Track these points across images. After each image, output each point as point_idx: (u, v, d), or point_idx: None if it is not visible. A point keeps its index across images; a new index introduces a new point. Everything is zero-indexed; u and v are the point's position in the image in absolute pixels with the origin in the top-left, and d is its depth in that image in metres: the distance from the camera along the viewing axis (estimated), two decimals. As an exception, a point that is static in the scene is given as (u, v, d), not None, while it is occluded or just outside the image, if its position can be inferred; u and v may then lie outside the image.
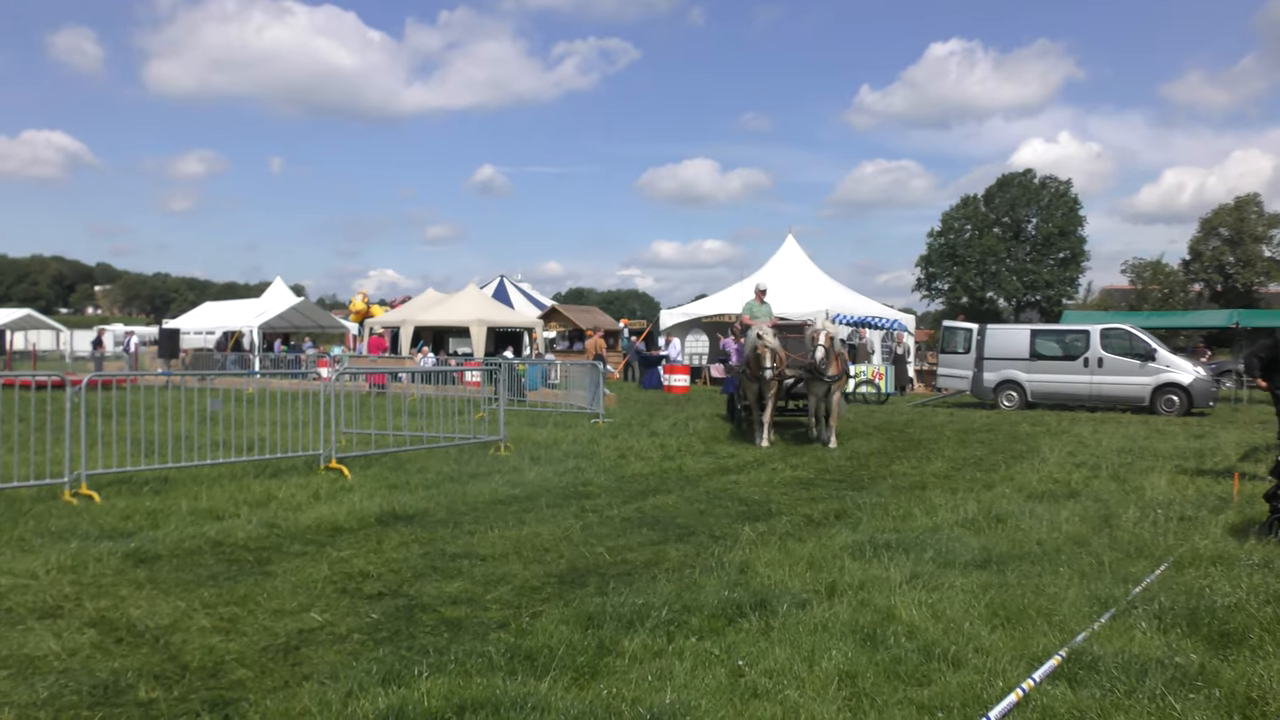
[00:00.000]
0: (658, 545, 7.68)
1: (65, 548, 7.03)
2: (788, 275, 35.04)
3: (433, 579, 6.51)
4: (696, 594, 5.98)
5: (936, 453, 13.95)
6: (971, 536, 7.81)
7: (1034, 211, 69.66)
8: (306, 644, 5.12)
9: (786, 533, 8.08)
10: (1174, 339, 42.25)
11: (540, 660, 4.80)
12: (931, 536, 7.69)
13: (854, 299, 35.13)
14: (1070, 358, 22.77)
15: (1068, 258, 68.79)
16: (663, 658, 4.91)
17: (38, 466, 9.73)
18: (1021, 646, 5.06)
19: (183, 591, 6.05)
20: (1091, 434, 16.50)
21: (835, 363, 14.66)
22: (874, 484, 11.02)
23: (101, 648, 4.98)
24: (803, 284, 34.22)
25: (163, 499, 9.23)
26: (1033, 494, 9.98)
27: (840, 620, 5.46)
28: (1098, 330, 22.64)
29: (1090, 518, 8.61)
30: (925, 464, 12.70)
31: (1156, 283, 60.75)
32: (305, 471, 11.04)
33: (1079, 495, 9.90)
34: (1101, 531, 8.06)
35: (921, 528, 8.15)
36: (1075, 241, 68.44)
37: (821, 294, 33.52)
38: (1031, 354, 23.27)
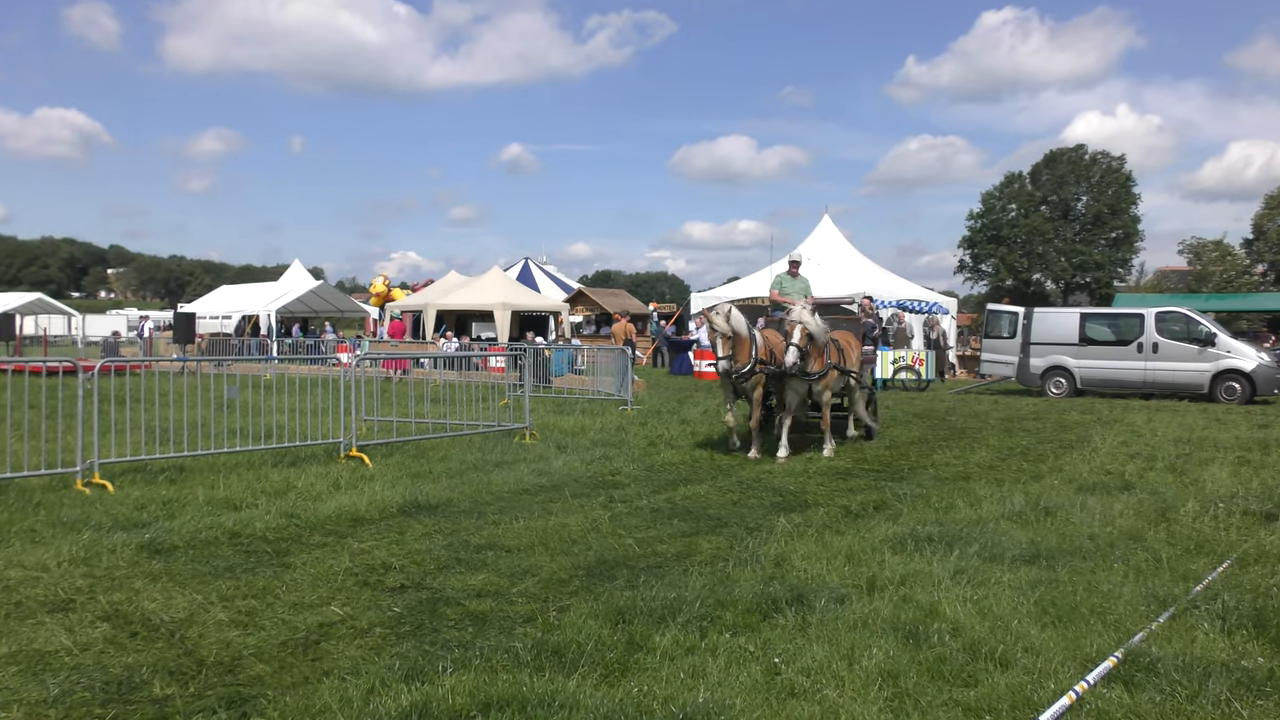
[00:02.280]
0: (689, 537, 7.67)
1: (77, 539, 7.10)
2: (824, 256, 34.82)
3: (456, 571, 6.52)
4: (730, 588, 5.96)
5: (980, 442, 13.83)
6: (1019, 530, 7.72)
7: (1084, 189, 68.72)
8: (327, 638, 5.14)
9: (824, 525, 8.04)
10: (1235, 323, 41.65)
11: (568, 656, 4.79)
12: (976, 530, 7.62)
13: (893, 281, 34.93)
14: (1123, 343, 22.50)
15: (1120, 237, 67.81)
16: (695, 654, 4.89)
17: (49, 455, 9.85)
18: (1074, 646, 4.99)
19: (199, 584, 6.09)
20: (1146, 423, 16.28)
21: (818, 358, 12.26)
22: (914, 474, 10.94)
23: (115, 642, 5.03)
24: (840, 265, 34.04)
25: (178, 488, 9.32)
26: (1084, 486, 9.85)
27: (881, 617, 5.41)
28: (1153, 314, 22.34)
29: (1146, 511, 8.49)
30: (969, 453, 12.61)
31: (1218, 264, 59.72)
32: (325, 460, 11.11)
33: (1133, 487, 9.77)
34: (1158, 526, 7.94)
35: (965, 520, 8.08)
36: (1128, 220, 67.43)
37: (859, 276, 33.34)
38: (1081, 339, 23.03)
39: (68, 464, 9.56)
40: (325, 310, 43.54)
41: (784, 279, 14.64)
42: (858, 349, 13.53)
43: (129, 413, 10.46)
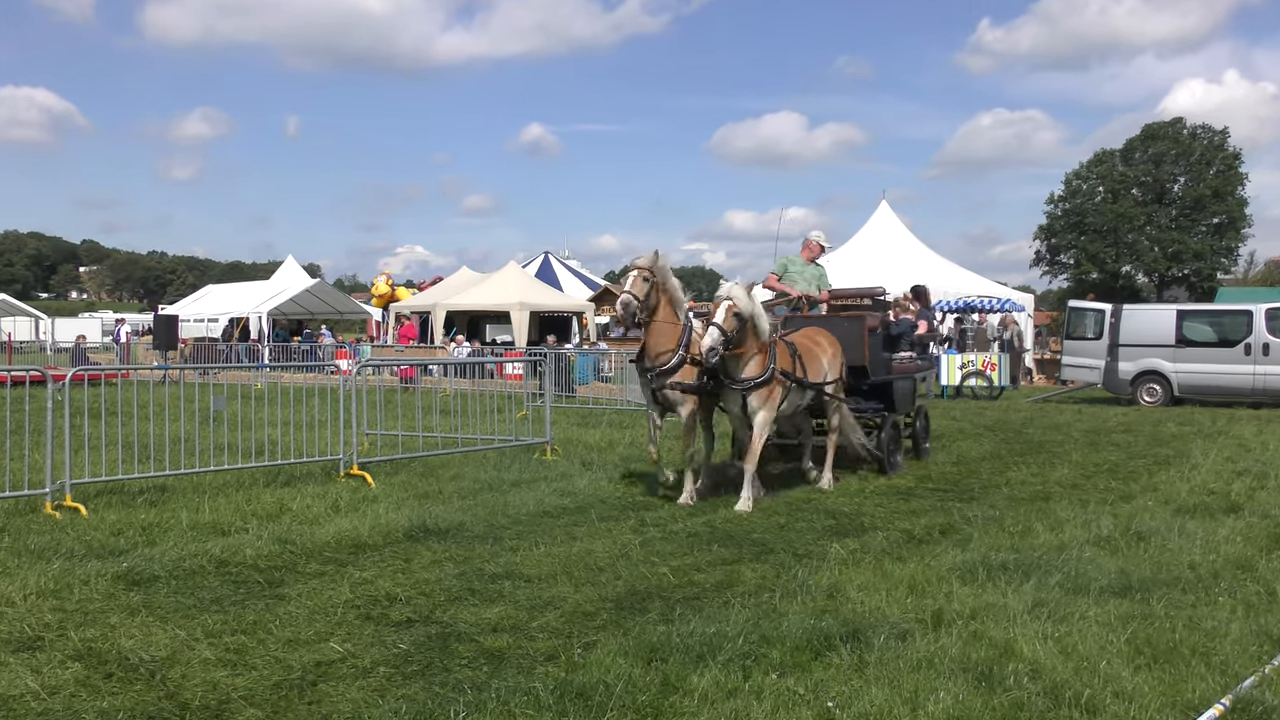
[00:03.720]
0: (730, 565, 7.66)
1: (46, 569, 7.19)
2: (880, 247, 34.77)
3: (470, 603, 6.55)
4: (777, 623, 5.95)
5: (1062, 457, 13.73)
6: (1107, 558, 7.66)
7: (1182, 168, 68.00)
8: (325, 679, 5.18)
9: (883, 551, 8.01)
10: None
11: (595, 699, 4.80)
12: (1057, 557, 7.56)
13: (960, 275, 34.77)
14: (1228, 344, 22.24)
15: (1224, 223, 67.01)
16: (738, 697, 4.88)
17: (14, 475, 9.99)
18: (1172, 692, 4.93)
19: (182, 618, 6.16)
20: (1255, 435, 16.09)
21: (754, 358, 9.98)
22: (986, 494, 10.87)
23: (88, 685, 5.08)
24: (898, 258, 33.94)
25: (159, 511, 9.43)
26: (1182, 507, 9.75)
27: (948, 655, 5.38)
28: (1263, 310, 22.06)
29: (1256, 537, 8.39)
30: (1048, 470, 12.50)
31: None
32: (323, 479, 11.21)
33: (1241, 510, 9.66)
34: (1271, 554, 7.84)
35: (1045, 546, 8.02)
36: (1234, 204, 66.61)
37: (920, 269, 33.18)
38: (1178, 339, 22.81)
39: (36, 485, 9.69)
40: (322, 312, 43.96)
41: (793, 261, 12.76)
42: (836, 354, 11.28)
43: (104, 427, 10.60)
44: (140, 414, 11.76)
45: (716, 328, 9.52)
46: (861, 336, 12.00)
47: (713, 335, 9.50)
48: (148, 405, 12.30)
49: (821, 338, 11.32)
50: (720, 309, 9.64)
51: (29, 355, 48.09)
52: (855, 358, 11.87)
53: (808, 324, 11.78)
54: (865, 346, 11.97)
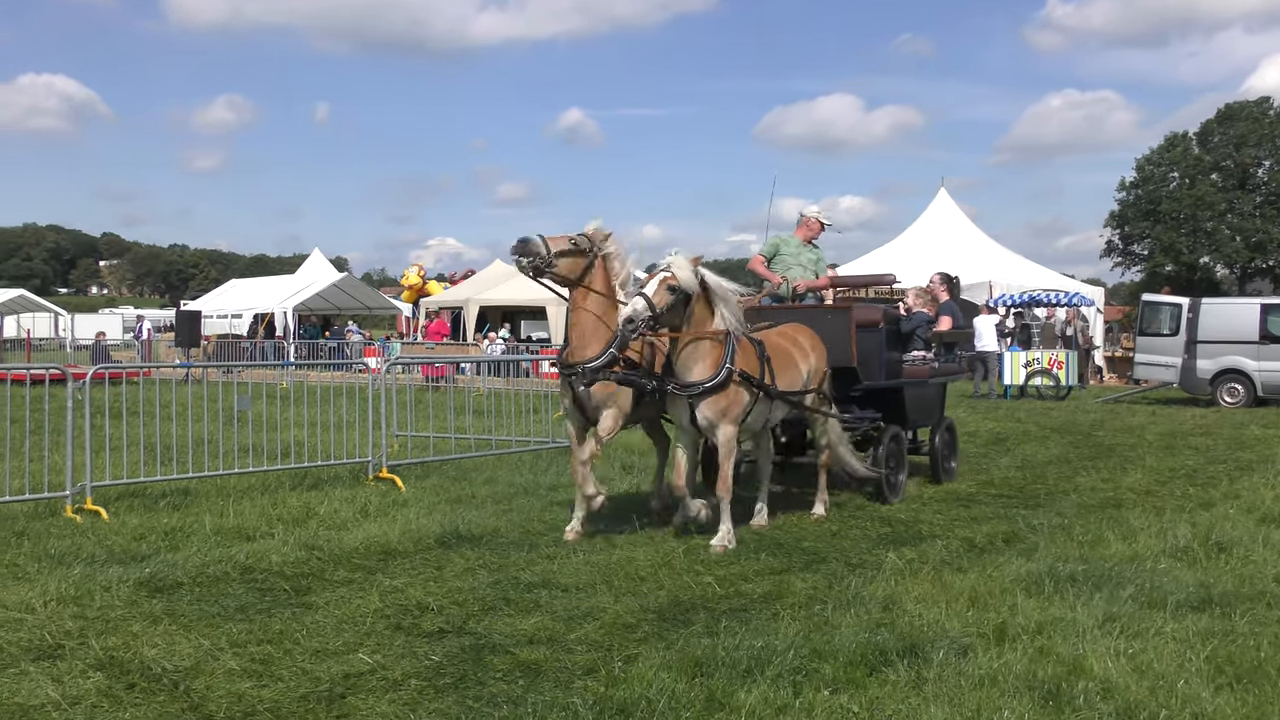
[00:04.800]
0: (779, 574, 7.65)
1: (67, 574, 7.30)
2: (938, 237, 34.57)
3: (504, 613, 6.58)
4: (829, 636, 5.93)
5: (1135, 462, 13.59)
6: (1184, 570, 7.57)
7: (1266, 151, 66.92)
8: (354, 691, 5.23)
9: (942, 561, 7.96)
10: None
11: (637, 715, 4.80)
12: (1131, 568, 7.49)
13: (1025, 267, 34.49)
14: (1316, 340, 21.94)
15: (1313, 211, 65.98)
16: (788, 714, 4.87)
17: (34, 478, 10.16)
18: (1256, 714, 4.86)
19: (206, 627, 6.24)
20: (1343, 438, 15.81)
21: (708, 354, 8.46)
22: (1052, 501, 10.79)
23: (110, 695, 5.15)
24: (957, 248, 33.71)
25: (182, 515, 9.56)
26: (1267, 516, 9.61)
27: (1013, 672, 5.34)
28: (1353, 304, 21.72)
29: (1345, 546, 8.25)
30: (1120, 476, 12.38)
31: None
32: (351, 483, 11.31)
33: (1329, 517, 9.50)
34: (1360, 564, 7.71)
35: (1117, 557, 7.94)
36: (1324, 191, 65.60)
37: (982, 261, 32.99)
38: (1263, 335, 22.55)
39: (56, 487, 9.86)
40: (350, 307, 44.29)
41: (786, 242, 11.28)
42: (820, 357, 9.75)
43: (125, 428, 10.76)
44: (162, 414, 11.93)
45: (642, 297, 8.16)
46: (847, 332, 10.33)
47: (635, 304, 8.13)
48: (170, 405, 12.47)
49: (802, 336, 9.74)
50: (654, 279, 8.35)
51: (48, 353, 48.92)
52: (841, 357, 10.23)
53: (791, 318, 10.24)
54: (852, 344, 10.32)
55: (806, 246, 11.24)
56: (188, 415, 11.46)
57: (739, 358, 8.52)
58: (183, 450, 11.07)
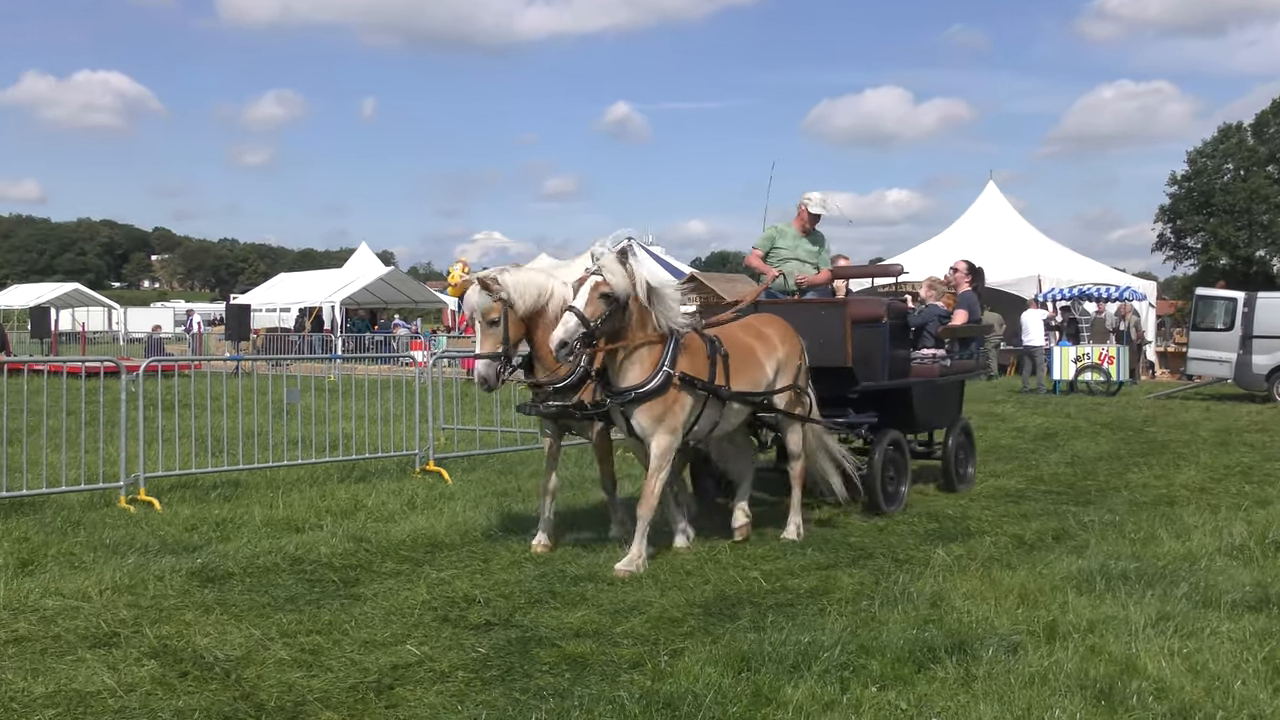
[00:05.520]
0: (826, 570, 7.62)
1: (121, 564, 7.44)
2: (986, 231, 34.34)
3: (550, 606, 6.61)
4: (876, 632, 5.91)
5: (1188, 459, 13.41)
6: (1240, 568, 7.46)
7: (1323, 143, 65.69)
8: (402, 682, 5.27)
9: (991, 557, 7.90)
10: None
11: (683, 709, 4.80)
12: (1185, 567, 7.41)
13: (1074, 261, 34.15)
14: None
15: (1373, 204, 64.72)
16: (835, 711, 4.85)
17: (89, 468, 10.32)
18: (1313, 713, 4.79)
19: (257, 617, 6.31)
20: (1402, 435, 15.52)
21: (643, 356, 7.64)
22: (1104, 497, 10.67)
23: (164, 683, 5.23)
24: (1005, 242, 33.47)
25: (233, 507, 9.68)
26: (1323, 513, 9.46)
27: (1064, 671, 5.29)
28: None
29: (1405, 545, 8.10)
30: (1173, 473, 12.23)
31: None
32: (398, 475, 11.39)
33: (1388, 515, 9.33)
34: None
35: (1170, 555, 7.85)
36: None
37: (1030, 255, 32.69)
38: (1320, 330, 22.10)
39: (110, 478, 10.01)
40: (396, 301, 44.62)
41: (783, 232, 10.48)
42: (791, 352, 8.80)
43: (177, 420, 10.90)
44: (213, 406, 12.07)
45: (573, 313, 7.22)
46: (841, 328, 9.39)
47: (567, 324, 7.19)
48: (220, 397, 12.61)
49: (771, 329, 8.78)
50: (584, 288, 7.38)
51: (102, 345, 49.63)
52: (835, 356, 9.38)
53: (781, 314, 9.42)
54: (848, 340, 9.38)
55: (806, 237, 10.45)
56: (238, 408, 11.58)
57: (682, 358, 7.72)
58: (233, 442, 11.19)
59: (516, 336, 7.81)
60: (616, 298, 7.35)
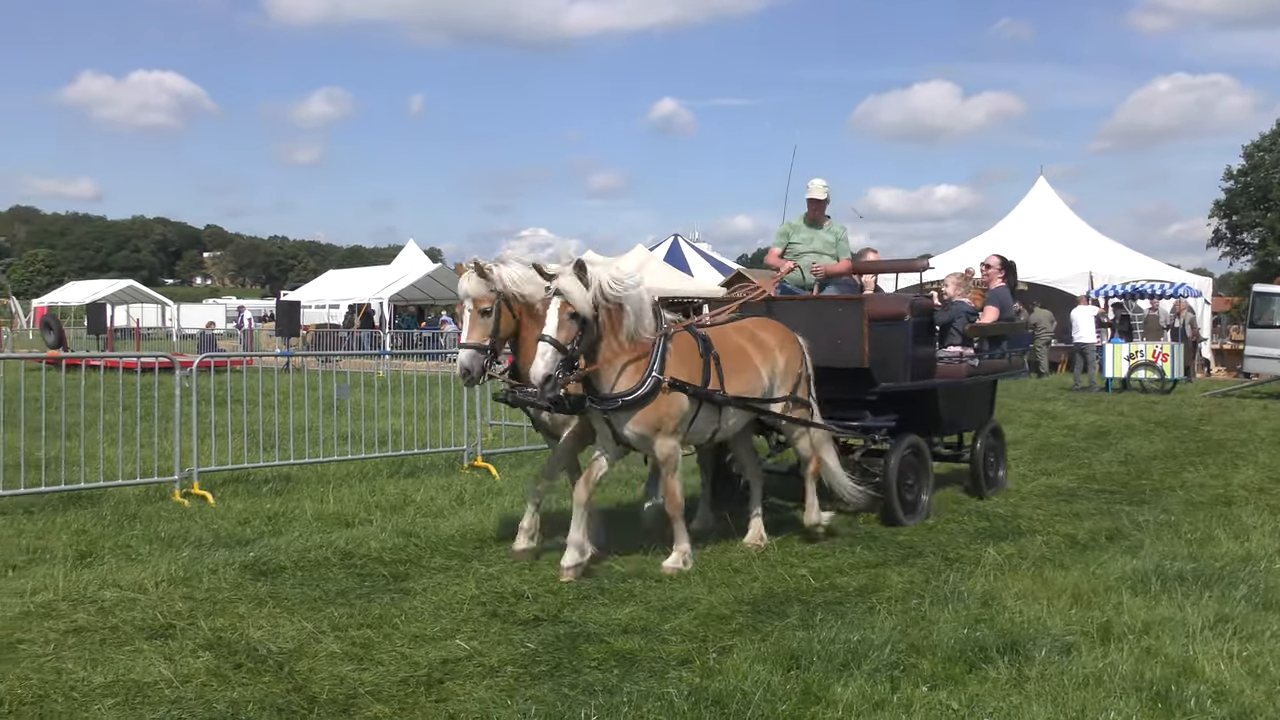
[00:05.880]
0: (875, 568, 7.59)
1: (177, 556, 7.55)
2: (1036, 227, 34.03)
3: (599, 603, 6.63)
4: (927, 631, 5.89)
5: (1246, 458, 13.20)
6: (1300, 569, 7.34)
7: (1384, 135, 64.38)
8: (451, 676, 5.30)
9: (1042, 557, 7.83)
10: None
11: (731, 707, 4.80)
12: (1243, 568, 7.30)
13: (1128, 258, 33.68)
14: None
15: None
16: (885, 710, 4.83)
17: (145, 462, 10.47)
18: (1376, 717, 4.70)
19: (308, 610, 6.38)
20: None
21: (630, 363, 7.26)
22: (1158, 497, 10.52)
23: (218, 674, 5.30)
24: (1056, 238, 33.13)
25: (284, 501, 9.79)
26: (1385, 514, 9.28)
27: (1119, 673, 5.24)
28: None
29: None
30: (1230, 472, 12.05)
31: None
32: (446, 471, 11.46)
33: None
34: None
35: (1228, 556, 7.74)
36: None
37: (1082, 251, 32.30)
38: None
39: (165, 472, 10.15)
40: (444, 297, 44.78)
41: (796, 228, 10.14)
42: (791, 356, 8.41)
43: (230, 415, 11.04)
44: (264, 401, 12.20)
45: (549, 343, 6.83)
46: (858, 327, 8.89)
47: (545, 359, 6.80)
48: (271, 393, 12.74)
49: (767, 333, 8.42)
50: (550, 313, 6.96)
51: (156, 341, 50.31)
52: (851, 356, 8.91)
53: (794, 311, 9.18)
54: (864, 340, 8.85)
55: (820, 229, 10.04)
56: (289, 403, 11.71)
57: (673, 361, 7.40)
58: (284, 437, 11.31)
59: (507, 331, 7.58)
60: (584, 318, 6.94)
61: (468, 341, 7.51)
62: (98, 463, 10.04)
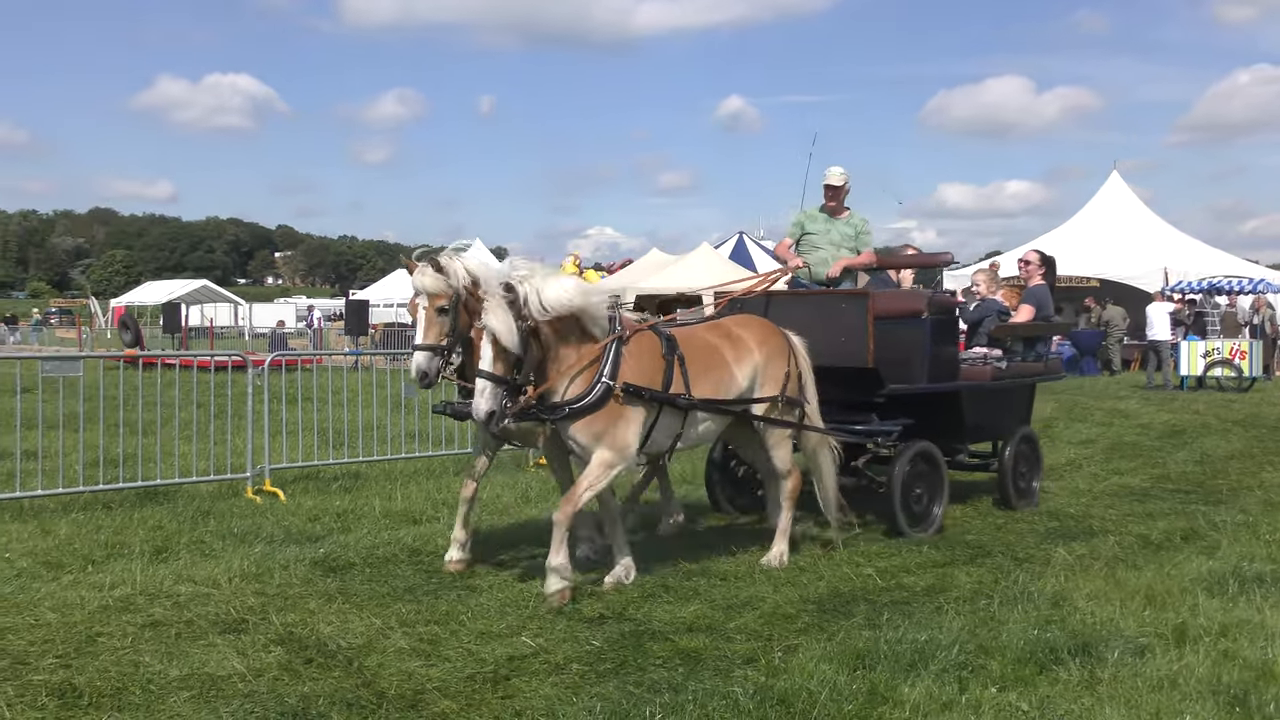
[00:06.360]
0: (942, 567, 7.52)
1: (249, 552, 7.69)
2: (1109, 223, 33.53)
3: (663, 601, 6.63)
4: (996, 632, 5.82)
5: (1328, 457, 12.86)
6: (1385, 572, 7.16)
7: None
8: (518, 673, 5.33)
9: (1115, 557, 7.71)
10: None
11: (798, 706, 4.78)
12: (1325, 570, 7.12)
13: (1205, 254, 33.03)
14: None
15: None
16: (954, 711, 4.79)
17: (218, 459, 10.67)
18: None
19: (377, 606, 6.45)
20: None
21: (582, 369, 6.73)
22: (1236, 497, 10.31)
23: (289, 669, 5.38)
24: (1129, 234, 32.57)
25: (353, 498, 9.91)
26: None
27: (1195, 675, 5.14)
28: None
29: None
30: (1311, 472, 11.75)
31: None
32: (511, 469, 11.52)
33: None
34: None
35: (1309, 557, 7.57)
36: None
37: (1156, 247, 31.72)
38: None
39: (237, 469, 10.35)
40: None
41: (813, 218, 9.59)
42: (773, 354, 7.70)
43: (300, 413, 11.19)
44: (334, 400, 12.36)
45: (486, 378, 6.40)
46: (863, 323, 8.28)
47: (484, 395, 6.38)
48: (340, 391, 12.92)
49: (747, 331, 7.74)
50: (484, 345, 6.48)
51: (228, 340, 51.22)
52: (855, 354, 8.29)
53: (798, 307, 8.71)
54: (869, 338, 8.23)
55: (839, 220, 9.47)
56: (357, 401, 11.86)
57: (628, 364, 6.80)
58: (353, 435, 11.46)
59: (466, 330, 7.06)
60: (511, 352, 6.41)
61: (423, 343, 7.00)
62: (173, 460, 10.25)
